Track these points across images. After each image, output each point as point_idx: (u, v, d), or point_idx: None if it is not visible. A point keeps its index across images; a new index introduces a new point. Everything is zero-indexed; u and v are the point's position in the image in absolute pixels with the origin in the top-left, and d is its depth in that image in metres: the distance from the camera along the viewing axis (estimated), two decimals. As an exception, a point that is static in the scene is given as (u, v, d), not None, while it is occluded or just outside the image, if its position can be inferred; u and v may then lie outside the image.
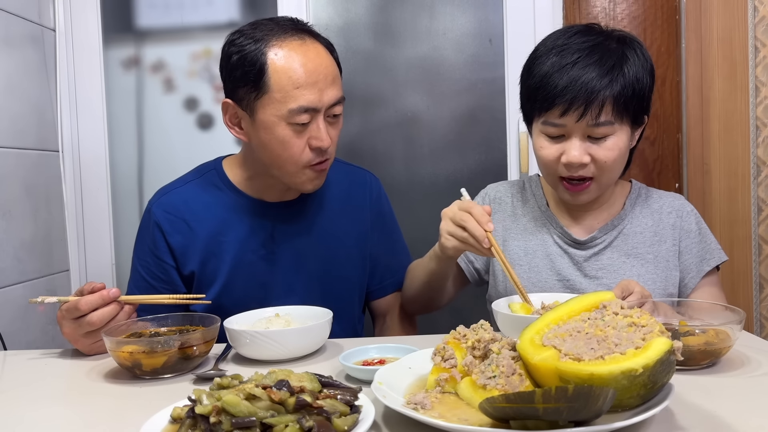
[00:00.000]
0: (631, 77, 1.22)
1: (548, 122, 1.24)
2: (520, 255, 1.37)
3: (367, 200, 1.48)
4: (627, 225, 1.35)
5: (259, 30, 1.26)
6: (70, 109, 2.15)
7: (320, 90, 1.24)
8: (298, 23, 1.30)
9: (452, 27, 2.16)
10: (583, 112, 1.20)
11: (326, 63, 1.26)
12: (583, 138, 1.23)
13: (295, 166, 1.28)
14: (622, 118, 1.23)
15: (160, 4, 2.20)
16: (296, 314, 1.19)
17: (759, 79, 1.94)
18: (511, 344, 0.83)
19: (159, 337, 1.04)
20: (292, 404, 0.69)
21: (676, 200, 1.39)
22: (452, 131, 2.18)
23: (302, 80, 1.22)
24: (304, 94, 1.22)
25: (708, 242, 1.36)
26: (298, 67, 1.22)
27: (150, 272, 1.37)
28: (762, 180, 1.96)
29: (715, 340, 0.95)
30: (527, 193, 1.45)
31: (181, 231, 1.36)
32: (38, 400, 0.96)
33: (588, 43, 1.24)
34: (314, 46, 1.26)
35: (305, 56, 1.24)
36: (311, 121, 1.25)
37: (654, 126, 2.05)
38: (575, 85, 1.19)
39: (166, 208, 1.37)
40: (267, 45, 1.24)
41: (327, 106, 1.25)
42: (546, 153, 1.27)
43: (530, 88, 1.27)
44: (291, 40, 1.24)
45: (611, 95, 1.20)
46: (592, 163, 1.24)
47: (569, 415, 0.67)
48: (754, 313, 1.99)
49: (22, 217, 1.90)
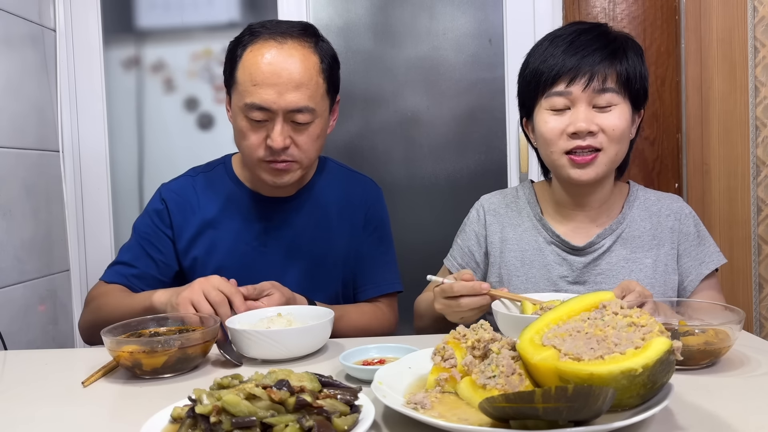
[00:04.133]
0: (633, 60, 1.27)
1: (553, 93, 1.26)
2: (516, 266, 1.37)
3: (363, 203, 1.50)
4: (626, 229, 1.35)
5: (262, 27, 1.32)
6: (70, 109, 2.15)
7: (278, 92, 1.27)
8: (306, 29, 1.34)
9: (452, 27, 2.16)
10: (589, 79, 1.23)
11: (296, 69, 1.28)
12: (588, 106, 1.25)
13: (251, 159, 1.35)
14: (624, 93, 1.26)
15: (160, 4, 2.20)
16: (298, 314, 1.19)
17: (758, 79, 1.94)
18: (511, 344, 0.83)
19: (159, 337, 1.03)
20: (292, 404, 0.69)
21: (675, 202, 1.39)
22: (452, 131, 2.18)
23: (260, 78, 1.27)
24: (259, 92, 1.27)
25: (707, 245, 1.35)
26: (261, 66, 1.27)
27: (147, 240, 1.43)
28: (761, 180, 1.96)
29: (715, 340, 0.95)
30: (521, 202, 1.43)
31: (183, 211, 1.44)
32: (38, 400, 0.96)
33: (585, 26, 1.30)
34: (293, 51, 1.29)
35: (273, 57, 1.28)
36: (270, 121, 1.29)
37: (654, 126, 2.05)
38: (578, 56, 1.24)
39: (175, 190, 1.47)
40: (252, 41, 1.30)
41: (285, 110, 1.28)
42: (551, 126, 1.27)
43: (532, 72, 1.30)
44: (270, 42, 1.29)
45: (615, 69, 1.25)
46: (600, 133, 1.25)
47: (569, 414, 0.67)
48: (753, 313, 1.99)
49: (23, 217, 1.90)
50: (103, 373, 1.05)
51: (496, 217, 1.43)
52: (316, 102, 1.31)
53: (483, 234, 1.42)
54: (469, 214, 1.48)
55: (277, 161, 1.33)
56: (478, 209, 1.46)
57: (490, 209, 1.44)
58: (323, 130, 1.36)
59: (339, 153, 2.16)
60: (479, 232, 1.43)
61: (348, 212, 1.48)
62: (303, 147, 1.33)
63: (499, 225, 1.42)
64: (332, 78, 1.36)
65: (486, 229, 1.42)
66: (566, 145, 1.26)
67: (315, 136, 1.34)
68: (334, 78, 1.37)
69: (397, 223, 1.57)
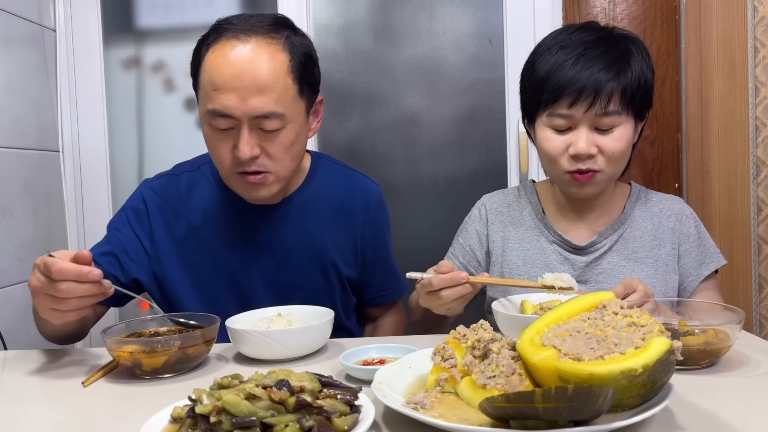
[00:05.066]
0: (637, 70, 1.24)
1: (555, 113, 1.24)
2: (518, 264, 1.37)
3: (361, 207, 1.39)
4: (627, 229, 1.35)
5: (228, 24, 1.20)
6: (70, 109, 2.15)
7: (241, 97, 1.15)
8: (277, 23, 1.21)
9: (452, 27, 2.16)
10: (592, 102, 1.20)
11: (260, 70, 1.15)
12: (590, 129, 1.23)
13: (223, 169, 1.24)
14: (628, 109, 1.24)
15: (160, 4, 2.20)
16: (298, 314, 1.19)
17: (758, 79, 1.94)
18: (511, 344, 0.83)
19: (159, 337, 1.04)
20: (292, 404, 0.69)
21: (676, 203, 1.39)
22: (452, 131, 2.18)
23: (220, 82, 1.15)
24: (220, 97, 1.15)
25: (707, 246, 1.36)
26: (222, 68, 1.16)
27: (120, 243, 1.31)
28: (761, 180, 1.96)
29: (715, 340, 0.95)
30: (523, 201, 1.43)
31: (165, 217, 1.33)
32: (38, 400, 0.96)
33: (591, 37, 1.25)
34: (257, 50, 1.16)
35: (235, 58, 1.15)
36: (236, 128, 1.18)
37: (654, 126, 2.05)
38: (583, 76, 1.20)
39: (158, 191, 1.35)
40: (215, 40, 1.18)
41: (251, 117, 1.16)
42: (552, 145, 1.26)
43: (535, 83, 1.27)
44: (232, 41, 1.17)
45: (619, 86, 1.21)
46: (599, 155, 1.24)
47: (569, 414, 0.67)
48: (753, 313, 1.99)
49: (23, 217, 1.90)
50: (103, 373, 1.05)
51: (498, 216, 1.43)
52: (285, 106, 1.18)
53: (485, 233, 1.42)
54: (471, 213, 1.47)
55: (248, 173, 1.21)
56: (480, 208, 1.46)
57: (492, 208, 1.44)
58: (299, 136, 1.23)
59: (339, 153, 2.16)
60: (481, 231, 1.43)
61: (346, 215, 1.38)
62: (275, 156, 1.20)
63: (501, 224, 1.42)
64: (306, 77, 1.22)
65: (488, 228, 1.42)
66: (568, 166, 1.25)
67: (288, 143, 1.21)
68: (308, 76, 1.23)
69: (397, 223, 1.57)
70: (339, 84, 2.15)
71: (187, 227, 1.33)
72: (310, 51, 1.24)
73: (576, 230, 1.37)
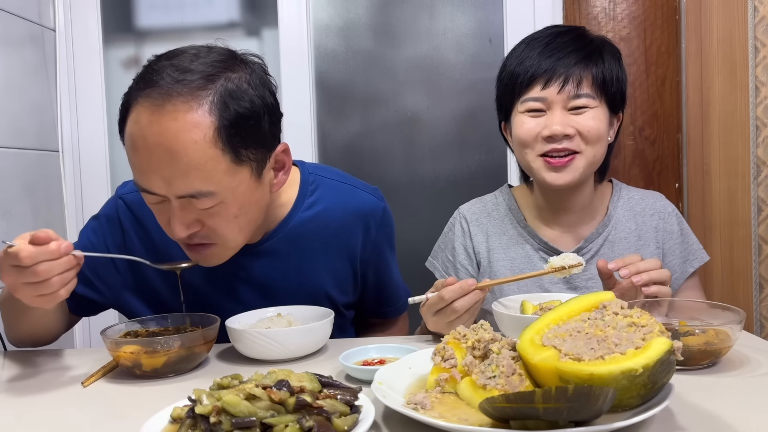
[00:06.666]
0: (609, 63, 1.28)
1: (529, 98, 1.26)
2: (506, 273, 1.36)
3: (360, 229, 1.27)
4: (612, 231, 1.35)
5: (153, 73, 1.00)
6: (70, 109, 2.15)
7: (164, 179, 1.00)
8: (215, 66, 1.01)
9: (452, 27, 2.16)
10: (564, 81, 1.23)
11: (177, 147, 0.97)
12: (564, 109, 1.25)
13: (171, 235, 1.08)
14: (600, 96, 1.26)
15: (160, 4, 2.20)
16: (298, 314, 1.19)
17: (759, 79, 1.94)
18: (511, 344, 0.83)
19: (159, 337, 1.03)
20: (292, 404, 0.69)
21: (658, 201, 1.39)
22: (452, 131, 2.18)
23: (138, 165, 1.02)
24: (143, 179, 1.03)
25: (690, 243, 1.36)
26: (136, 143, 1.00)
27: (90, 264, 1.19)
28: (762, 180, 1.96)
29: (715, 340, 0.95)
30: (502, 209, 1.42)
31: (141, 238, 1.22)
32: (38, 400, 0.96)
33: (563, 29, 1.31)
34: (171, 123, 0.97)
35: (151, 135, 0.98)
36: (168, 201, 1.04)
37: (654, 126, 2.05)
38: (553, 58, 1.25)
39: (131, 205, 1.23)
40: (136, 99, 1.01)
41: (178, 197, 1.02)
42: (527, 128, 1.27)
43: (508, 76, 1.30)
44: (145, 105, 0.99)
45: (589, 70, 1.25)
46: (577, 136, 1.25)
47: (569, 415, 0.67)
48: (754, 313, 1.99)
49: (22, 217, 1.90)
50: (103, 373, 1.05)
51: (479, 226, 1.42)
52: (214, 182, 1.00)
53: (470, 246, 1.41)
54: (451, 228, 1.44)
55: (191, 244, 1.08)
56: (461, 221, 1.44)
57: (473, 219, 1.43)
58: (244, 207, 1.06)
59: (339, 153, 2.16)
60: (467, 245, 1.42)
61: (344, 239, 1.26)
62: (218, 230, 1.06)
63: (484, 234, 1.41)
64: (245, 138, 1.02)
65: (472, 240, 1.41)
66: (541, 147, 1.26)
67: (230, 217, 1.05)
68: (249, 136, 1.03)
69: (397, 224, 1.57)
70: (339, 84, 2.15)
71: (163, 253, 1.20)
72: (254, 99, 1.03)
73: (561, 236, 1.37)
